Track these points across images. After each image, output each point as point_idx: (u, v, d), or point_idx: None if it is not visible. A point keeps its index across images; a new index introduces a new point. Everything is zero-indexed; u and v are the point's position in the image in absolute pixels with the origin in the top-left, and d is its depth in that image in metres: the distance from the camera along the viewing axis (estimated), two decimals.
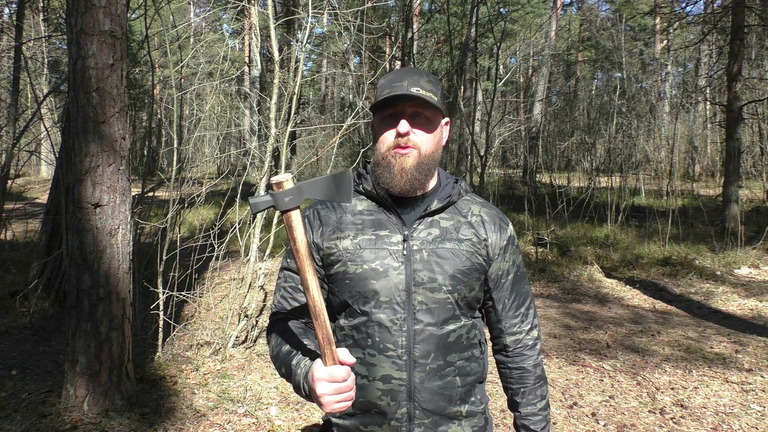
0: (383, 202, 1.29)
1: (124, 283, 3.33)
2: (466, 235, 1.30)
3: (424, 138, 1.26)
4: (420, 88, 1.23)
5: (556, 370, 4.30)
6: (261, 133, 10.28)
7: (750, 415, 3.48)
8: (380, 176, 1.27)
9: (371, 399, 1.25)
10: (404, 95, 1.21)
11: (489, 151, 10.49)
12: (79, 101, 3.14)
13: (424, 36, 20.89)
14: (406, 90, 1.22)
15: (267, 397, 3.66)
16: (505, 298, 1.36)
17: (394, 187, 1.25)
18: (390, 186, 1.26)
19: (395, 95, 1.22)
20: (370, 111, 1.35)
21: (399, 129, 1.23)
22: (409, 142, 1.24)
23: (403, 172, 1.24)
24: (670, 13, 14.62)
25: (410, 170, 1.24)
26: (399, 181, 1.25)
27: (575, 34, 26.69)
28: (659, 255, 8.30)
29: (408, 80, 1.24)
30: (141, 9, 5.40)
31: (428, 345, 1.24)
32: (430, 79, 1.27)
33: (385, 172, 1.26)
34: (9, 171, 6.10)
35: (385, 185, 1.27)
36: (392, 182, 1.25)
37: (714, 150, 17.77)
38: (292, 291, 1.32)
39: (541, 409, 1.37)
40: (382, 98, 1.23)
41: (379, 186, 1.29)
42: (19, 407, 3.31)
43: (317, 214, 1.33)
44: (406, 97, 1.22)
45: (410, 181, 1.25)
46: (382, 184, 1.27)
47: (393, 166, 1.25)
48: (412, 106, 1.24)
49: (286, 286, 1.33)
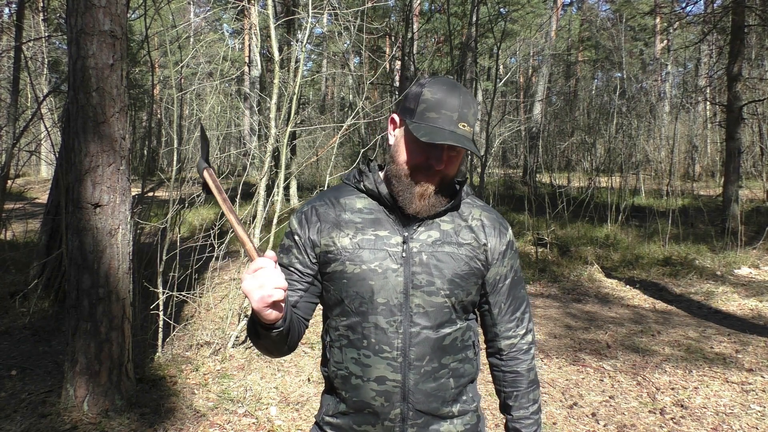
0: (385, 201, 1.28)
1: (124, 283, 3.33)
2: (466, 239, 1.29)
3: (451, 168, 1.25)
4: (466, 123, 1.20)
5: (556, 370, 4.30)
6: (261, 133, 10.29)
7: (750, 415, 3.48)
8: (398, 193, 1.24)
9: (365, 399, 1.24)
10: (451, 144, 1.17)
11: (489, 151, 10.49)
12: (79, 101, 3.14)
13: (424, 36, 20.87)
14: (454, 126, 1.18)
15: (267, 397, 3.66)
16: (502, 303, 1.35)
17: (409, 208, 1.23)
18: (406, 206, 1.24)
19: (446, 143, 1.16)
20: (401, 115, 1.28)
21: (434, 165, 1.21)
22: (439, 173, 1.23)
23: (423, 198, 1.23)
24: (670, 13, 14.63)
25: (431, 196, 1.23)
26: (417, 205, 1.23)
27: (575, 34, 26.69)
28: (659, 255, 8.30)
29: (459, 112, 1.19)
30: (141, 9, 5.40)
31: (424, 348, 1.24)
32: (475, 111, 1.24)
33: (406, 192, 1.23)
34: (9, 171, 6.10)
35: (401, 203, 1.24)
36: (411, 205, 1.23)
37: (714, 150, 17.76)
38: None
39: (533, 413, 1.37)
40: (429, 140, 1.16)
41: (383, 186, 1.28)
42: (19, 407, 3.31)
43: (315, 211, 1.31)
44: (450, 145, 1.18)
45: (428, 207, 1.24)
46: (399, 201, 1.25)
47: (414, 189, 1.23)
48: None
49: None
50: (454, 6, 17.63)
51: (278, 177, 4.79)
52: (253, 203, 4.80)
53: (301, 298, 1.30)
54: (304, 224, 1.30)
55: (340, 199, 1.32)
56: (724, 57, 11.97)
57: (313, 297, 1.33)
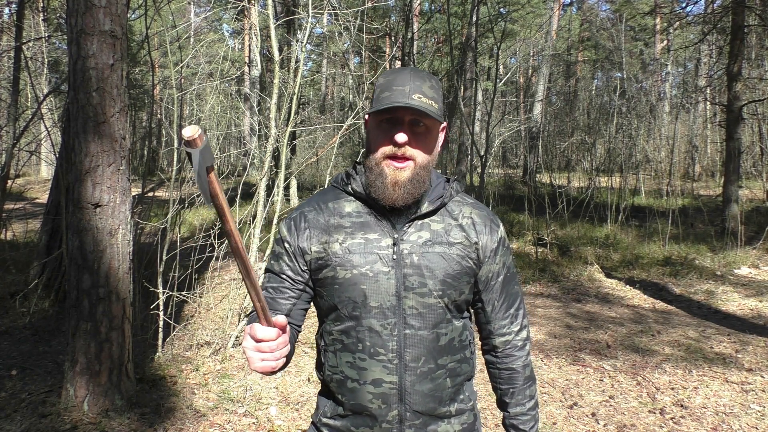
0: (373, 204, 1.26)
1: (124, 283, 3.33)
2: (457, 239, 1.28)
3: (421, 148, 1.23)
4: (422, 95, 1.19)
5: (556, 370, 4.30)
6: (261, 133, 10.29)
7: (750, 415, 3.48)
8: (372, 184, 1.24)
9: (362, 402, 1.24)
10: (406, 107, 1.18)
11: (489, 151, 10.49)
12: (79, 101, 3.14)
13: (424, 36, 20.88)
14: (407, 98, 1.18)
15: (267, 397, 3.66)
16: (495, 300, 1.35)
17: (386, 199, 1.22)
18: (381, 197, 1.22)
19: (396, 106, 1.18)
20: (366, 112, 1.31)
21: (397, 139, 1.19)
22: (406, 153, 1.21)
23: (397, 186, 1.21)
24: (670, 13, 14.63)
25: (404, 184, 1.21)
26: (392, 194, 1.21)
27: (575, 34, 26.69)
28: (659, 255, 8.30)
29: (410, 85, 1.19)
30: (141, 9, 5.41)
31: (419, 349, 1.24)
32: (432, 84, 1.23)
33: (377, 181, 1.22)
34: (9, 171, 6.10)
35: (375, 194, 1.23)
36: (384, 194, 1.22)
37: (714, 150, 17.76)
38: (273, 291, 1.31)
39: (530, 409, 1.37)
40: (383, 107, 1.19)
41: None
42: (19, 407, 3.31)
43: (304, 217, 1.30)
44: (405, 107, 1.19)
45: (403, 195, 1.21)
46: (372, 192, 1.24)
47: (386, 177, 1.21)
48: (412, 114, 1.20)
49: (269, 287, 1.32)
50: (454, 6, 17.63)
51: (278, 177, 4.79)
52: (253, 203, 4.80)
53: (294, 306, 1.31)
54: (293, 231, 1.29)
55: (329, 203, 1.31)
56: (724, 57, 11.97)
57: (305, 303, 1.33)
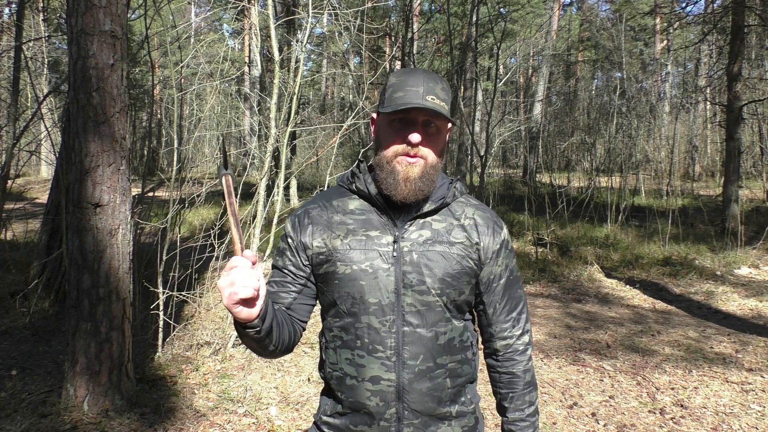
0: (375, 201, 1.29)
1: (124, 283, 3.33)
2: (458, 238, 1.29)
3: (432, 148, 1.25)
4: (435, 96, 1.21)
5: (556, 370, 4.30)
6: (261, 133, 10.29)
7: (750, 415, 3.48)
8: (383, 181, 1.26)
9: (360, 399, 1.25)
10: (420, 107, 1.20)
11: (489, 151, 10.49)
12: (79, 101, 3.14)
13: (424, 36, 20.89)
14: (422, 99, 1.20)
15: (267, 397, 3.66)
16: (497, 302, 1.35)
17: (398, 194, 1.24)
18: (393, 193, 1.24)
19: (411, 107, 1.20)
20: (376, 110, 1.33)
21: (411, 139, 1.21)
22: (419, 152, 1.23)
23: (408, 182, 1.23)
24: (670, 13, 14.63)
25: (415, 180, 1.23)
26: (403, 189, 1.23)
27: (575, 34, 26.68)
28: (659, 255, 8.30)
29: (424, 86, 1.22)
30: (141, 9, 5.41)
31: (417, 347, 1.24)
32: (443, 87, 1.25)
33: (389, 177, 1.24)
34: (9, 171, 6.10)
35: (387, 191, 1.25)
36: (396, 190, 1.24)
37: (714, 150, 17.77)
38: (276, 285, 1.33)
39: (529, 415, 1.36)
40: (399, 108, 1.20)
41: (372, 186, 1.29)
42: (19, 407, 3.31)
43: (307, 214, 1.33)
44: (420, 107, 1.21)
45: (414, 191, 1.24)
46: (384, 189, 1.26)
47: (398, 173, 1.23)
48: (425, 115, 1.22)
49: (272, 281, 1.34)
50: (454, 6, 17.63)
51: (278, 177, 4.79)
52: (253, 203, 4.80)
53: (295, 300, 1.32)
54: (297, 227, 1.32)
55: (333, 201, 1.33)
56: (724, 57, 11.96)
57: (308, 299, 1.34)
